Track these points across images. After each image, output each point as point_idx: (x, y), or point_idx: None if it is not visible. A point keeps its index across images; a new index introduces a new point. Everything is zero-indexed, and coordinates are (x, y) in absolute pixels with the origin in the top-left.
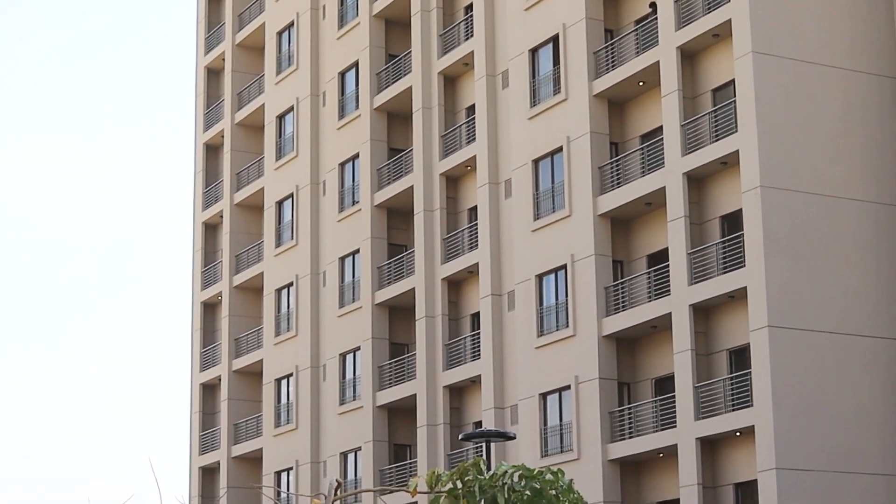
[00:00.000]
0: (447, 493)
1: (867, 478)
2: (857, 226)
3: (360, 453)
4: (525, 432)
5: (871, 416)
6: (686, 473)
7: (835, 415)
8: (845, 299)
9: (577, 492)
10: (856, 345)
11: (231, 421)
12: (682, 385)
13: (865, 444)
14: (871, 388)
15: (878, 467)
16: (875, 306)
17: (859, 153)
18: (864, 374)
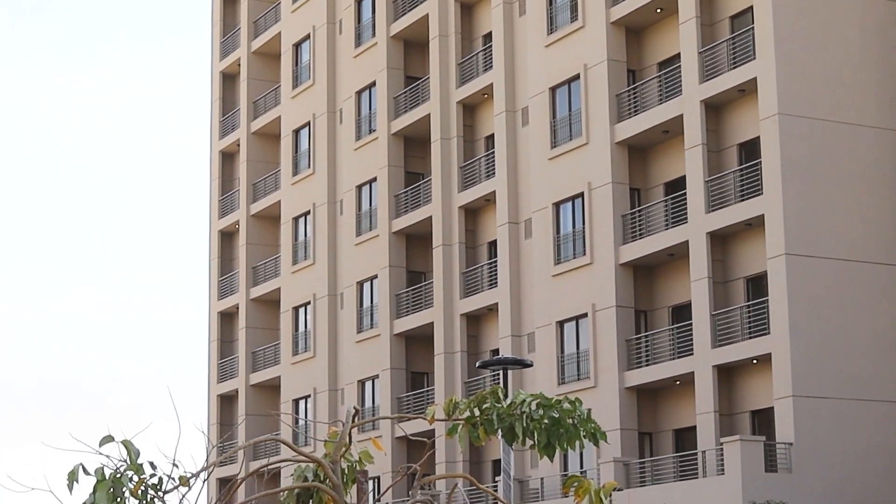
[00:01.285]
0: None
1: (883, 405)
2: (875, 153)
3: (378, 381)
4: (542, 360)
5: (888, 343)
6: (703, 401)
7: (851, 342)
8: (862, 227)
9: (595, 422)
10: (873, 272)
11: (249, 349)
12: (699, 313)
13: (882, 371)
14: (888, 315)
15: (894, 394)
16: (892, 233)
17: (877, 80)
18: (881, 302)
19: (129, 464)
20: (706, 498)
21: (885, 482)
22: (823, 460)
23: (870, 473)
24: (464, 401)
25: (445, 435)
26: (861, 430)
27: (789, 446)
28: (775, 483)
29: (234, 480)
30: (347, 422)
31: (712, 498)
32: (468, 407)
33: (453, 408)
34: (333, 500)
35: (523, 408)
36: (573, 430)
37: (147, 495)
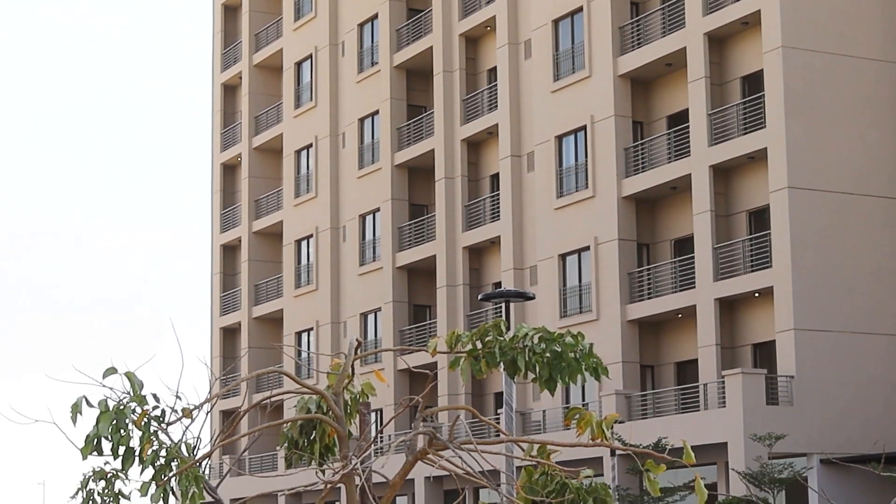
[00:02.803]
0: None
1: (884, 338)
2: (879, 86)
3: (380, 314)
4: (544, 293)
5: (890, 276)
6: (704, 334)
7: (853, 275)
8: (865, 160)
9: (597, 356)
10: (875, 205)
11: (252, 282)
12: (702, 246)
13: (883, 304)
14: (889, 248)
15: (895, 327)
16: (895, 167)
17: (881, 13)
18: (883, 235)
19: (133, 396)
20: (707, 430)
21: (885, 414)
22: (824, 393)
23: (870, 406)
24: (466, 334)
25: (447, 367)
26: (862, 363)
27: (790, 379)
28: (776, 415)
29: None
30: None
31: (713, 430)
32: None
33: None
34: (336, 432)
35: (525, 341)
36: (575, 365)
37: (150, 427)
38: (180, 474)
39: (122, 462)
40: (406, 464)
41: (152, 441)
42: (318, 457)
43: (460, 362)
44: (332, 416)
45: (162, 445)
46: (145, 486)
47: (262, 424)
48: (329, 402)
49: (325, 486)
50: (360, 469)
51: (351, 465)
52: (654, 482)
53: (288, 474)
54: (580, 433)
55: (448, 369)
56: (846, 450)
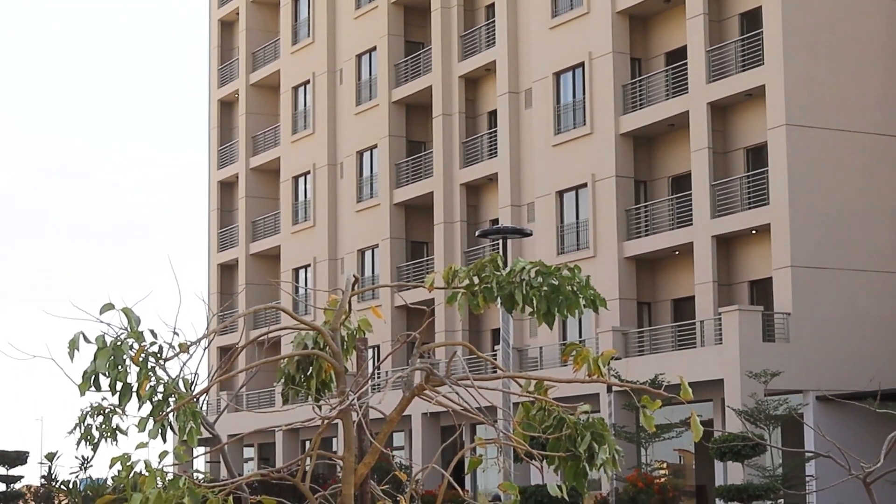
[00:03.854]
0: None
1: (881, 275)
2: (877, 24)
3: (378, 250)
4: (541, 230)
5: (887, 213)
6: (701, 271)
7: (850, 212)
8: (863, 97)
9: (594, 289)
10: (873, 142)
11: (249, 218)
12: (699, 183)
13: (880, 241)
14: (887, 185)
15: (891, 264)
16: (892, 104)
17: None
18: (880, 172)
19: (130, 332)
20: (704, 367)
21: (881, 351)
22: (820, 330)
23: (866, 342)
24: (463, 269)
25: (445, 303)
26: (859, 300)
27: (787, 316)
28: (773, 352)
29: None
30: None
31: (710, 367)
32: (467, 275)
33: (452, 276)
34: (333, 368)
35: (522, 275)
36: (572, 297)
37: (147, 363)
38: (178, 410)
39: (120, 398)
40: (403, 400)
41: (150, 377)
42: (315, 392)
43: (457, 297)
44: (330, 351)
45: (159, 381)
46: (143, 421)
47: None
48: (326, 338)
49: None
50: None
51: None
52: (649, 418)
53: (285, 410)
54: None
55: (445, 305)
56: (842, 386)
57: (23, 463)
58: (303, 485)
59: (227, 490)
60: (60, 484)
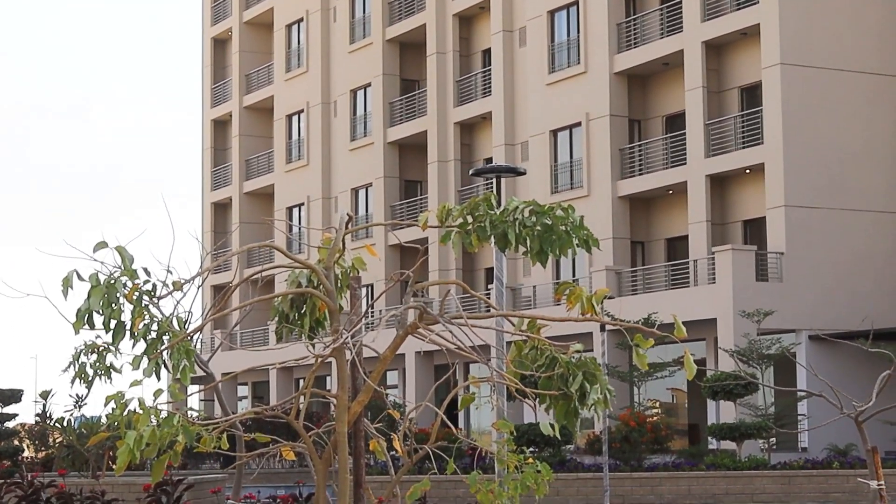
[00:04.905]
0: (457, 228)
1: (874, 215)
2: None
3: (371, 189)
4: (535, 169)
5: (881, 153)
6: (695, 210)
7: (844, 152)
8: (858, 36)
9: (588, 228)
10: (868, 82)
11: (243, 157)
12: (693, 122)
13: (874, 180)
14: (881, 124)
15: (885, 205)
16: (889, 43)
17: None
18: (874, 111)
19: (123, 270)
20: (697, 306)
21: (874, 291)
22: (814, 269)
23: (859, 282)
24: (456, 207)
25: (438, 242)
26: (852, 240)
27: (780, 255)
28: (766, 292)
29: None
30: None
31: (703, 306)
32: (461, 214)
33: (446, 215)
34: (326, 306)
35: (516, 214)
36: (566, 237)
37: (141, 301)
38: (172, 348)
39: (114, 336)
40: (397, 338)
41: (143, 315)
42: (309, 331)
43: (451, 236)
44: (323, 290)
45: (153, 319)
46: (137, 359)
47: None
48: (320, 277)
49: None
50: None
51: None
52: (642, 356)
53: (279, 348)
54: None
55: (439, 243)
56: (835, 326)
57: (17, 401)
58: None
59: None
60: (55, 422)
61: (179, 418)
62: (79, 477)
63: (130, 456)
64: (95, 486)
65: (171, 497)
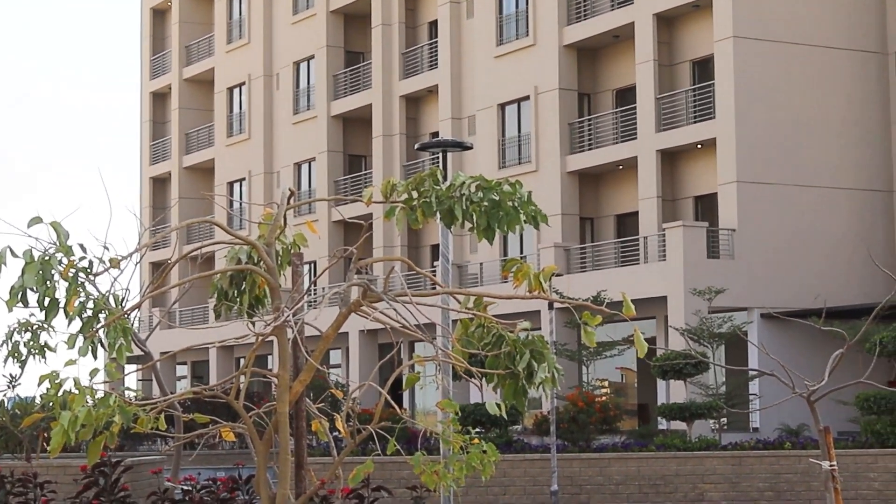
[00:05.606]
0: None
1: (828, 191)
2: None
3: (315, 164)
4: (482, 144)
5: (835, 128)
6: (645, 186)
7: (798, 127)
8: (812, 10)
9: (536, 204)
10: (822, 57)
11: (182, 130)
12: (644, 96)
13: (827, 156)
14: (836, 99)
15: (839, 181)
16: (843, 17)
17: None
18: (829, 87)
19: (59, 246)
20: (647, 284)
21: (827, 268)
22: (766, 247)
23: (812, 260)
24: (401, 183)
25: (383, 218)
26: (805, 216)
27: (732, 232)
28: (717, 269)
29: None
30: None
31: (653, 284)
32: (406, 189)
33: (391, 190)
34: (267, 283)
35: (462, 190)
36: (513, 213)
37: (77, 278)
38: (108, 326)
39: (47, 314)
40: (339, 316)
41: (79, 292)
42: (249, 309)
43: (396, 212)
44: (264, 267)
45: (89, 297)
46: (72, 338)
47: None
48: (261, 253)
49: (257, 338)
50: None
51: (283, 318)
52: (591, 334)
53: (218, 327)
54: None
55: (383, 219)
56: (787, 304)
57: None
58: (236, 403)
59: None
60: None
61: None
62: (12, 459)
63: (65, 437)
64: (28, 469)
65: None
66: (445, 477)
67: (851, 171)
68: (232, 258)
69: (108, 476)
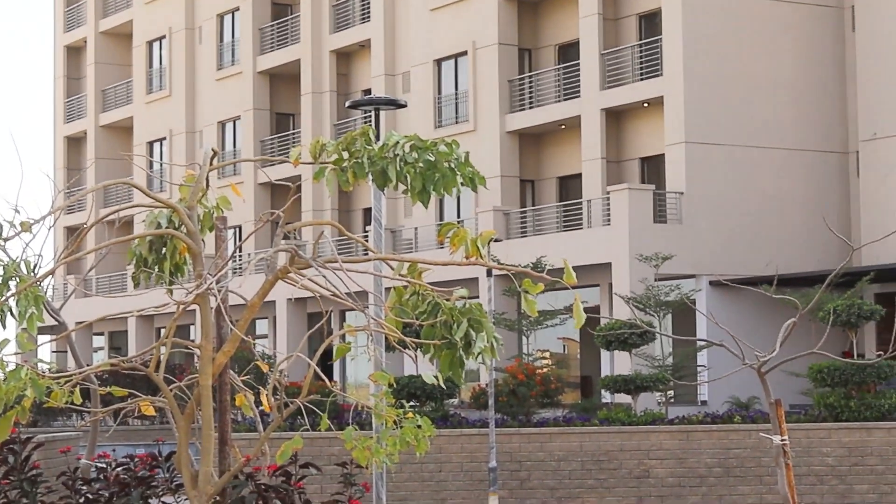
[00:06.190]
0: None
1: (779, 152)
2: None
3: (240, 122)
4: (417, 101)
5: (788, 88)
6: (589, 147)
7: (749, 85)
8: None
9: (473, 166)
10: (773, 11)
11: (99, 87)
12: (588, 52)
13: (779, 116)
14: (788, 57)
15: (792, 142)
16: None
17: None
18: (781, 43)
19: None
20: (590, 249)
21: (779, 234)
22: (716, 210)
23: (764, 225)
24: (331, 142)
25: (312, 179)
26: (757, 179)
27: (680, 195)
28: (664, 234)
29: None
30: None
31: (597, 249)
32: (336, 149)
33: (320, 150)
34: (189, 249)
35: (396, 150)
36: (449, 174)
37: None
38: (19, 294)
39: None
40: (266, 283)
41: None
42: (170, 276)
43: (325, 173)
44: (186, 231)
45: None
46: None
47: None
48: (182, 217)
49: (178, 307)
50: (216, 289)
51: (205, 285)
52: (531, 302)
53: (137, 295)
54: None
55: (312, 181)
56: (737, 271)
57: None
58: (156, 375)
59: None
60: None
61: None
62: None
63: None
64: None
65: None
66: (378, 453)
67: (805, 132)
68: (151, 222)
69: (18, 454)
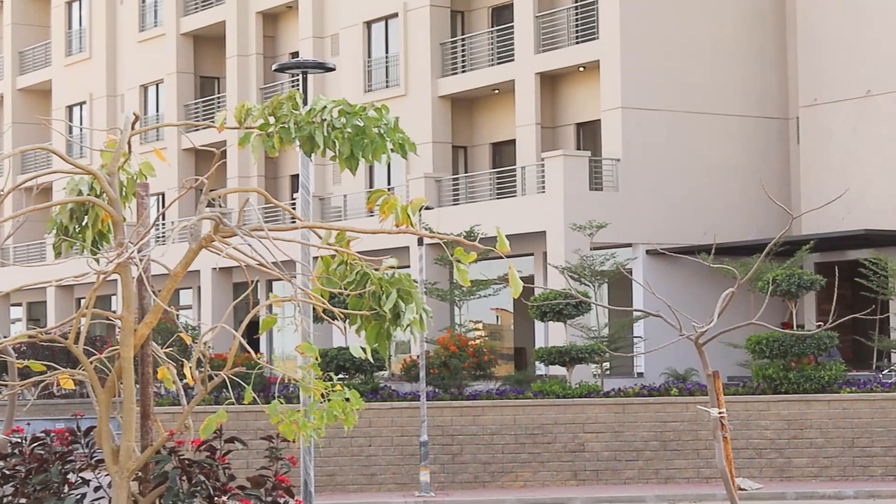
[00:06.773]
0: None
1: (719, 118)
2: None
3: (163, 86)
4: (346, 65)
5: (729, 50)
6: (524, 112)
7: (688, 49)
8: None
9: (404, 131)
10: None
11: (16, 48)
12: (522, 14)
13: (719, 81)
14: (730, 18)
15: (733, 107)
16: None
17: None
18: (722, 6)
19: None
20: (525, 217)
21: (718, 202)
22: (653, 178)
23: (703, 193)
24: (257, 107)
25: (237, 145)
26: (696, 146)
27: (616, 162)
28: (600, 202)
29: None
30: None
31: (531, 218)
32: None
33: (245, 114)
34: (110, 217)
35: (324, 115)
36: (379, 140)
37: None
38: None
39: None
40: (189, 252)
41: None
42: (91, 245)
43: (250, 138)
44: (107, 198)
45: None
46: None
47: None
48: (102, 184)
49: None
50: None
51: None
52: (463, 272)
53: (57, 264)
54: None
55: (238, 147)
56: (675, 240)
57: None
58: (76, 347)
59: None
60: None
61: None
62: None
63: None
64: None
65: None
66: (305, 427)
67: (744, 97)
68: (72, 189)
69: None
